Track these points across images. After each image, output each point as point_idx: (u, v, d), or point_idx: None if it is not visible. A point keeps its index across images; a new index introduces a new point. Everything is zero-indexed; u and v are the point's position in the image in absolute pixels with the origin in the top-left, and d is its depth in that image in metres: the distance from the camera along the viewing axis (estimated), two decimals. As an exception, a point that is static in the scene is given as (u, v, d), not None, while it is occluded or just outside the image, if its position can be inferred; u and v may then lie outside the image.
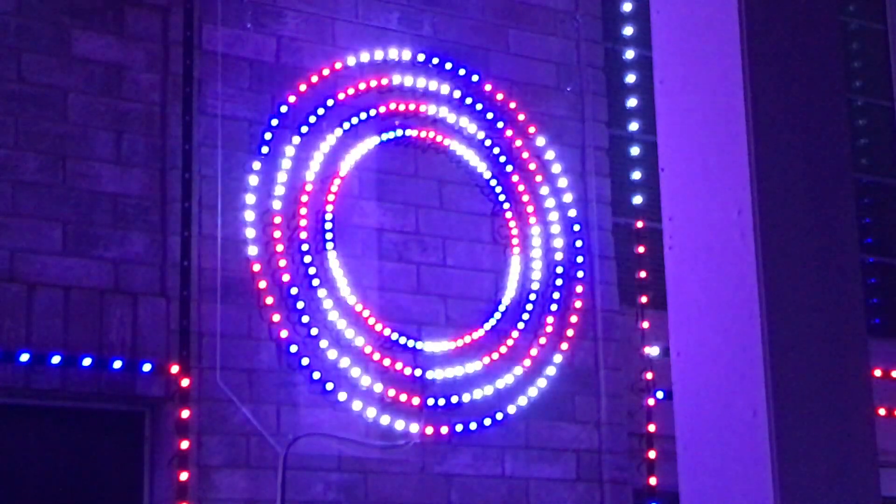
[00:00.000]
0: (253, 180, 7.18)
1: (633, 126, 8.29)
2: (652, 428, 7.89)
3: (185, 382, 6.77)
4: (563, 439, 7.71)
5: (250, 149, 7.23)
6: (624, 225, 8.24)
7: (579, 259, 7.91)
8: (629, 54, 8.44)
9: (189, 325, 6.85)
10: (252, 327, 7.05)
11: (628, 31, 8.46)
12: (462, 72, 7.85)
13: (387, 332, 7.34)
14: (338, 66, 7.53)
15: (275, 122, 7.30)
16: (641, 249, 8.14)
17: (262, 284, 7.09)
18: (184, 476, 6.67)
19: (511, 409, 7.57)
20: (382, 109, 7.61)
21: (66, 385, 6.60)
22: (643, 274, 8.10)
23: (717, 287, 3.47)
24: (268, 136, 7.27)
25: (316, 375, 7.11)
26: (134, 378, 6.73)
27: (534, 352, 7.69)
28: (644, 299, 8.06)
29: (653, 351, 7.99)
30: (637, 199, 8.22)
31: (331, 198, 7.35)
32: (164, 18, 7.18)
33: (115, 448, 6.91)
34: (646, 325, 8.00)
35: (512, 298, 7.71)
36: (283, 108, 7.34)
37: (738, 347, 3.38)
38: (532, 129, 7.97)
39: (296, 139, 7.33)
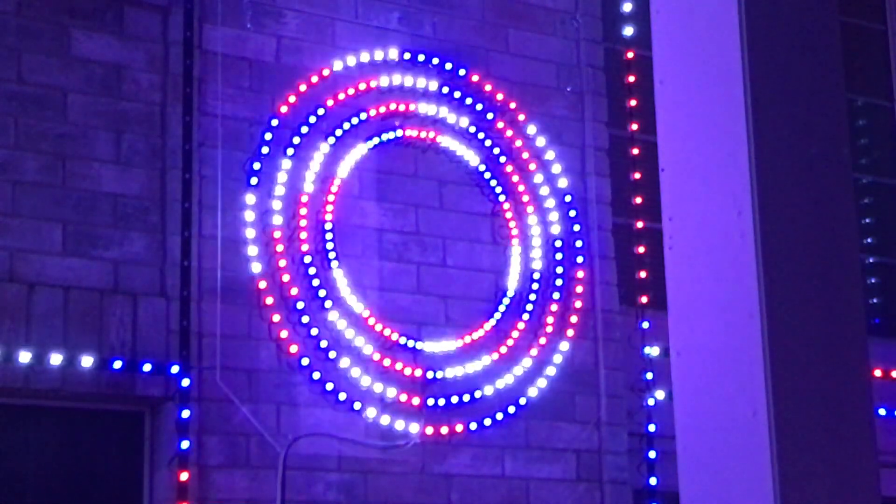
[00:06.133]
0: (253, 180, 7.19)
1: (634, 126, 8.29)
2: (652, 428, 7.89)
3: (185, 382, 6.77)
4: (563, 439, 7.71)
5: (250, 149, 7.23)
6: (624, 225, 8.24)
7: (579, 259, 7.92)
8: (629, 54, 8.44)
9: (189, 325, 6.85)
10: (252, 327, 7.05)
11: (628, 31, 8.46)
12: (462, 72, 7.85)
13: (387, 332, 7.34)
14: (338, 66, 7.53)
15: (275, 122, 7.31)
16: (641, 249, 8.14)
17: (262, 284, 7.09)
18: (184, 476, 6.68)
19: (511, 409, 7.57)
20: (382, 109, 7.61)
21: (66, 385, 6.60)
22: (643, 274, 8.10)
23: (717, 287, 3.47)
24: (268, 136, 7.27)
25: (316, 375, 7.11)
26: (134, 378, 6.73)
27: (534, 352, 7.69)
28: (644, 299, 8.06)
29: (653, 351, 7.99)
30: (637, 199, 8.22)
31: (331, 198, 7.35)
32: (164, 18, 7.18)
33: (115, 448, 6.91)
34: (646, 325, 8.00)
35: (512, 298, 7.71)
36: (283, 108, 7.34)
37: (738, 347, 3.38)
38: (532, 129, 7.97)
39: (296, 139, 7.33)
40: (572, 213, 7.97)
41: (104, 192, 6.89)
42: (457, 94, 7.81)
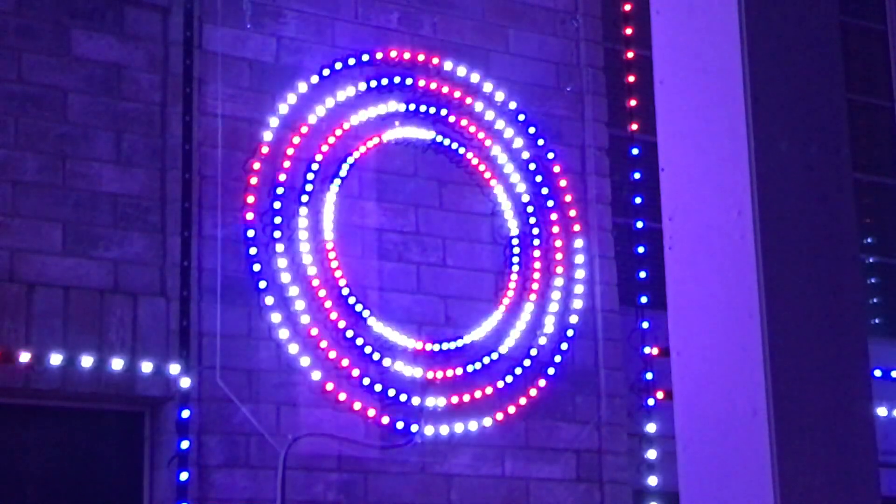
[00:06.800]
0: (253, 180, 7.19)
1: (633, 126, 8.29)
2: (652, 428, 7.89)
3: (185, 382, 6.77)
4: (563, 439, 7.71)
5: (250, 149, 7.23)
6: (624, 225, 8.24)
7: (579, 259, 7.91)
8: (629, 54, 8.44)
9: (189, 325, 6.85)
10: (252, 327, 7.05)
11: (628, 31, 8.46)
12: (462, 72, 7.85)
13: (387, 332, 7.34)
14: (338, 66, 7.53)
15: (275, 122, 7.31)
16: (641, 249, 8.15)
17: (262, 284, 7.09)
18: (184, 476, 6.68)
19: (511, 409, 7.57)
20: (383, 110, 7.61)
21: (66, 385, 6.60)
22: (643, 274, 8.10)
23: (717, 287, 3.47)
24: (268, 136, 7.27)
25: (316, 375, 7.11)
26: (134, 378, 6.73)
27: (533, 352, 7.69)
28: (644, 299, 8.06)
29: (653, 351, 7.99)
30: (637, 199, 8.22)
31: (331, 197, 7.36)
32: (164, 18, 7.18)
33: (115, 448, 6.91)
34: (646, 325, 8.01)
35: (511, 298, 7.71)
36: (283, 108, 7.34)
37: (738, 347, 3.38)
38: (532, 129, 7.97)
39: (296, 139, 7.33)
40: (572, 213, 7.97)
41: (104, 192, 6.89)
42: (457, 94, 7.81)
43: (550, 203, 7.93)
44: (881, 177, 9.79)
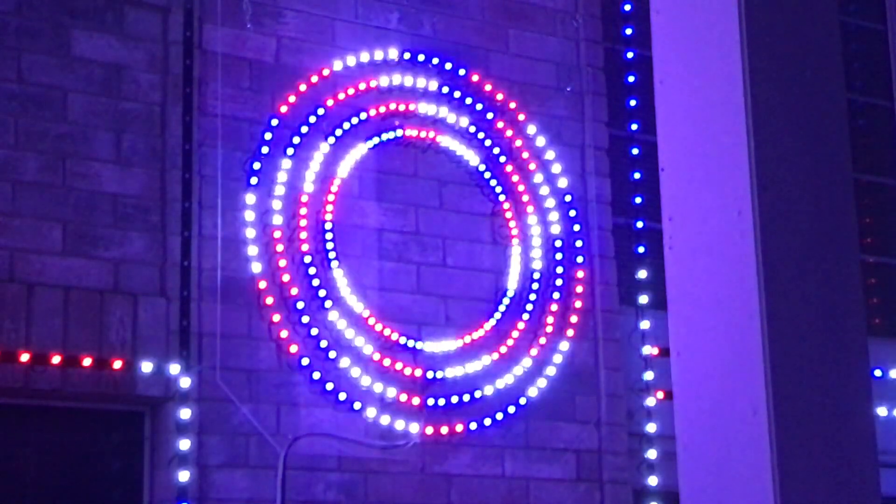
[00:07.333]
0: (253, 180, 7.19)
1: (633, 126, 8.29)
2: (652, 428, 7.89)
3: (185, 382, 6.77)
4: (563, 439, 7.71)
5: (250, 149, 7.23)
6: (624, 225, 8.24)
7: (579, 259, 7.92)
8: (629, 54, 8.44)
9: (189, 325, 6.85)
10: (252, 327, 7.05)
11: (628, 31, 8.46)
12: (462, 72, 7.85)
13: (387, 332, 7.34)
14: (338, 66, 7.53)
15: (275, 122, 7.31)
16: (641, 249, 8.15)
17: (262, 284, 7.09)
18: (184, 476, 6.68)
19: (511, 409, 7.57)
20: (382, 109, 7.61)
21: (66, 385, 6.60)
22: (643, 274, 8.10)
23: (717, 287, 3.47)
24: (268, 136, 7.27)
25: (316, 375, 7.11)
26: (134, 378, 6.73)
27: (534, 352, 7.69)
28: (644, 299, 8.06)
29: (653, 351, 7.99)
30: (637, 199, 8.23)
31: (330, 198, 7.36)
32: (164, 18, 7.18)
33: (115, 448, 6.91)
34: (646, 325, 8.01)
35: (512, 298, 7.71)
36: (283, 108, 7.34)
37: (738, 347, 3.38)
38: (532, 129, 7.97)
39: (296, 139, 7.33)
40: (572, 213, 7.97)
41: (104, 192, 6.89)
42: (457, 94, 7.81)
43: (551, 203, 7.93)
44: (881, 177, 9.79)
